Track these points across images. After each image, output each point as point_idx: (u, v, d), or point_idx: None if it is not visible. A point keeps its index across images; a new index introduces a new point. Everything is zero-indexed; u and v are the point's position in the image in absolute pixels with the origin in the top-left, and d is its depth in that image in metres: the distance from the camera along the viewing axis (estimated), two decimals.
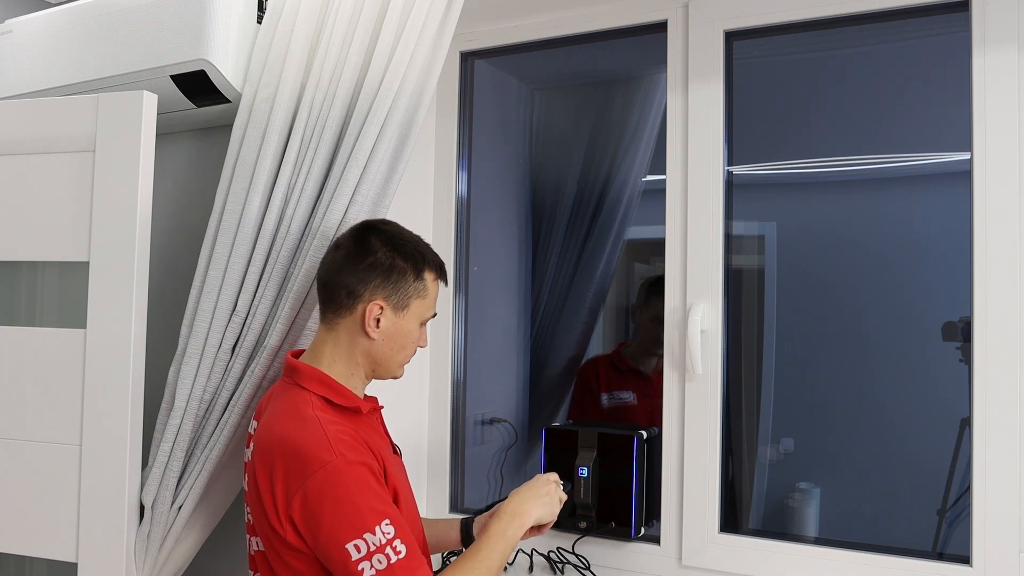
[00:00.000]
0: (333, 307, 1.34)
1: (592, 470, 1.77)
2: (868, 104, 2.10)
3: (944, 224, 1.91)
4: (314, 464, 1.19)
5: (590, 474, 1.77)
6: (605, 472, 1.78)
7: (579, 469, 1.77)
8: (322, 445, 1.21)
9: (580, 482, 1.77)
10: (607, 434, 1.79)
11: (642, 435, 1.76)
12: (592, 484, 1.77)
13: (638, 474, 1.76)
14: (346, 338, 1.34)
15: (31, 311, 1.70)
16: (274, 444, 1.24)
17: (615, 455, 1.77)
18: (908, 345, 2.09)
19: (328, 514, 1.18)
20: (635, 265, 2.40)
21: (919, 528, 1.93)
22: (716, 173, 1.74)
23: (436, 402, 2.08)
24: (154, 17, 1.66)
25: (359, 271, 1.32)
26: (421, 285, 1.36)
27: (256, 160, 1.54)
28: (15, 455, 1.55)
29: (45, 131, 1.57)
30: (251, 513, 1.32)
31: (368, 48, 1.53)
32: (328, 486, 1.19)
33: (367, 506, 1.19)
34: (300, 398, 1.30)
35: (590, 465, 1.77)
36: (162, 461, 1.50)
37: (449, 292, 2.08)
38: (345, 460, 1.20)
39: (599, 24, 1.90)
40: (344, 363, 1.35)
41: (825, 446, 2.23)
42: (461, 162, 2.10)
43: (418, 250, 1.37)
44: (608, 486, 1.78)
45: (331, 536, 1.18)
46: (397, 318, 1.34)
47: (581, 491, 1.77)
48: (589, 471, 1.77)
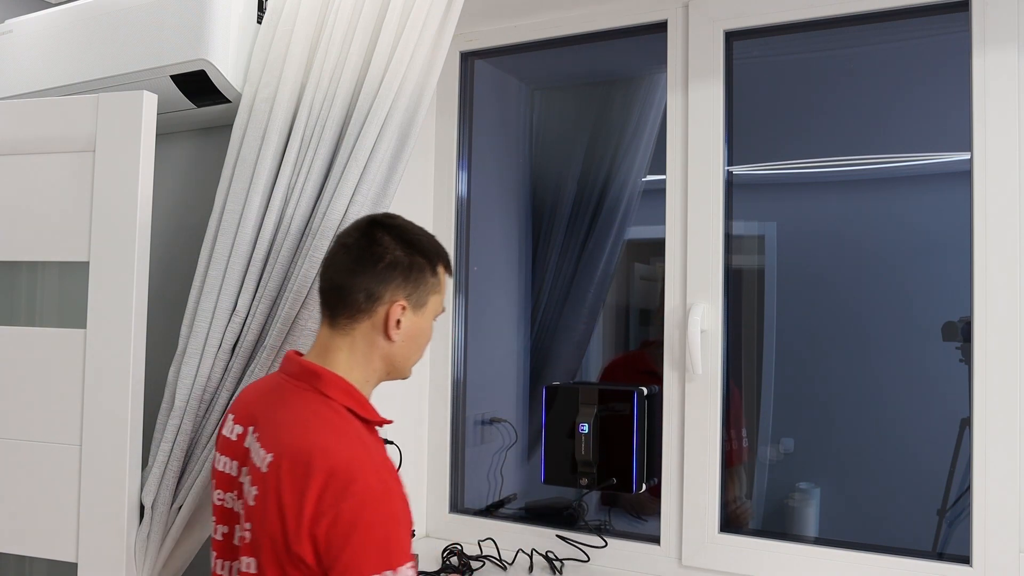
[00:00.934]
0: (348, 311, 1.25)
1: (593, 427, 1.77)
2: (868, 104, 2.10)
3: (944, 224, 1.91)
4: (356, 485, 1.11)
5: (591, 431, 1.77)
6: (606, 429, 1.78)
7: (580, 426, 1.77)
8: (366, 466, 1.14)
9: (581, 439, 1.77)
10: (607, 391, 1.80)
11: (642, 391, 1.76)
12: (593, 440, 1.77)
13: (639, 430, 1.76)
14: (363, 343, 1.26)
15: (31, 311, 1.70)
16: (313, 457, 1.12)
17: (615, 412, 1.77)
18: (908, 345, 2.08)
19: (357, 540, 1.10)
20: (635, 265, 2.40)
21: (919, 528, 1.93)
22: (716, 173, 1.74)
23: (436, 402, 2.08)
24: (154, 17, 1.66)
25: (377, 272, 1.24)
26: (436, 280, 1.29)
27: (256, 160, 1.54)
28: (15, 455, 1.55)
29: (45, 131, 1.56)
30: (253, 529, 1.17)
31: (368, 48, 1.53)
32: (365, 510, 1.11)
33: (398, 542, 1.12)
34: (329, 408, 1.21)
35: (590, 422, 1.77)
36: (162, 461, 1.50)
37: (449, 292, 2.08)
38: (387, 488, 1.13)
39: (599, 24, 1.90)
40: (361, 369, 1.26)
41: (825, 446, 2.23)
42: (461, 162, 2.10)
43: (431, 244, 1.31)
44: (609, 443, 1.78)
45: (353, 563, 1.09)
46: (416, 317, 1.27)
47: (583, 447, 1.76)
48: (590, 427, 1.77)
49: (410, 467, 2.00)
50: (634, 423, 1.75)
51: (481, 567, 1.81)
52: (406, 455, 1.96)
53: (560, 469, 1.85)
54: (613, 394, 1.79)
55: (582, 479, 1.78)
